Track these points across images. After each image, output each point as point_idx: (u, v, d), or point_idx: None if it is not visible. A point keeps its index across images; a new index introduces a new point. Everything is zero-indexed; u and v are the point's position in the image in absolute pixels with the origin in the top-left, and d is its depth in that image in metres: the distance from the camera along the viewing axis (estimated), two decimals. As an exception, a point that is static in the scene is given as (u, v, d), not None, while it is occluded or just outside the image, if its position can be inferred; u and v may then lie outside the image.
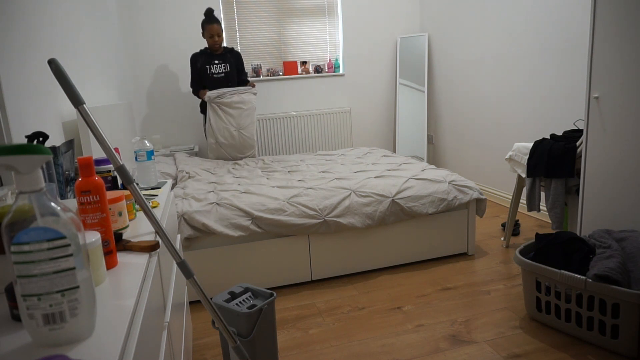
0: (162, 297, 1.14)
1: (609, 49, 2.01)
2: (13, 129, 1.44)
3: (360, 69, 4.72)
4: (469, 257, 2.79)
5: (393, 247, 2.64)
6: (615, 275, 1.70)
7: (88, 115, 0.90)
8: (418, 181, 2.67)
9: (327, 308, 2.28)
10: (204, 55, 3.70)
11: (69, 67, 2.18)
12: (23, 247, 0.62)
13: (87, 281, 0.68)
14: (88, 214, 0.94)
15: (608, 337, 1.77)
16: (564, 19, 2.98)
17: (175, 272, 1.51)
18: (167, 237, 0.99)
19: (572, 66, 2.96)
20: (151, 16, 4.12)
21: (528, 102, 3.38)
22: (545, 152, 2.51)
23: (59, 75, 0.87)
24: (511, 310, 2.16)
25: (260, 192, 2.53)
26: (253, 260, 2.42)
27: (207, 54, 3.70)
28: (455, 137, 4.39)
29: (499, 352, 1.85)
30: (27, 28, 1.69)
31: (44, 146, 0.68)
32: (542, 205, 3.24)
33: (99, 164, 1.43)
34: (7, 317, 0.75)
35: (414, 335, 2.00)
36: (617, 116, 2.03)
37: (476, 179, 4.13)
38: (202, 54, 3.71)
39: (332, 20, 4.59)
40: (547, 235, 2.06)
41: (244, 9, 4.35)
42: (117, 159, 0.95)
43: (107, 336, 0.67)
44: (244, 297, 1.73)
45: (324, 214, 2.42)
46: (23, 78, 1.58)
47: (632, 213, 2.01)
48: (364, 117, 4.83)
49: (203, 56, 3.70)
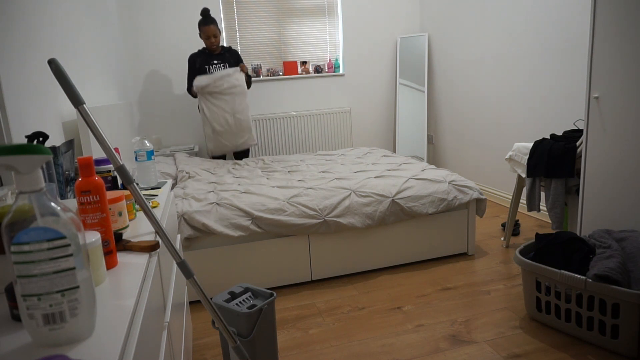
0: (162, 297, 1.14)
1: (609, 49, 2.01)
2: (13, 129, 1.44)
3: (360, 69, 4.72)
4: (469, 257, 2.79)
5: (393, 247, 2.64)
6: (615, 275, 1.70)
7: (88, 115, 0.90)
8: (418, 181, 2.67)
9: (327, 308, 2.28)
10: (203, 56, 3.66)
11: (69, 67, 2.18)
12: (23, 247, 0.62)
13: (87, 281, 0.68)
14: (88, 214, 0.94)
15: (608, 337, 1.77)
16: (564, 19, 2.98)
17: (175, 272, 1.51)
18: (167, 237, 0.99)
19: (572, 66, 2.96)
20: (151, 16, 4.12)
21: (528, 102, 3.38)
22: (545, 152, 2.51)
23: (59, 75, 0.87)
24: (511, 310, 2.16)
25: (260, 192, 2.53)
26: (253, 260, 2.42)
27: (205, 54, 3.67)
28: (455, 137, 4.39)
29: (499, 352, 1.85)
30: (27, 28, 1.69)
31: (44, 146, 0.68)
32: (542, 205, 3.24)
33: (99, 164, 1.43)
34: (7, 317, 0.75)
35: (414, 335, 2.00)
36: (617, 116, 2.03)
37: (476, 179, 4.13)
38: (201, 54, 3.67)
39: (332, 20, 4.59)
40: (547, 235, 2.06)
41: (244, 9, 4.35)
42: (117, 159, 0.95)
43: (107, 336, 0.67)
44: (244, 297, 1.73)
45: (324, 214, 2.42)
46: (23, 78, 1.58)
47: (632, 213, 2.01)
48: (364, 117, 4.83)
49: (202, 56, 3.66)
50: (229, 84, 3.53)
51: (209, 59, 3.66)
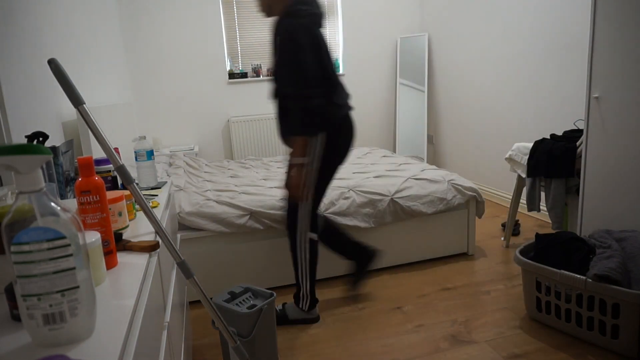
0: (162, 297, 1.14)
1: (609, 49, 2.01)
2: (13, 129, 1.44)
3: (360, 69, 4.72)
4: (469, 257, 2.79)
5: (393, 247, 2.64)
6: (615, 275, 1.70)
7: (88, 115, 0.90)
8: (417, 181, 2.67)
9: (327, 308, 2.28)
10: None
11: (69, 67, 2.17)
12: (23, 247, 0.61)
13: (87, 281, 0.68)
14: (88, 214, 0.94)
15: (608, 337, 1.77)
16: (564, 19, 2.98)
17: (175, 272, 1.51)
18: (167, 237, 0.99)
19: (572, 66, 2.96)
20: (151, 16, 4.12)
21: (528, 102, 3.37)
22: (545, 152, 2.50)
23: (59, 75, 0.87)
24: (511, 310, 2.16)
25: (259, 192, 2.53)
26: (253, 260, 2.41)
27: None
28: (455, 137, 4.39)
29: (499, 352, 1.85)
30: (27, 28, 1.69)
31: (44, 146, 0.67)
32: (542, 205, 3.24)
33: (99, 164, 1.43)
34: (7, 317, 0.75)
35: (414, 335, 2.00)
36: (617, 116, 2.03)
37: (476, 179, 4.13)
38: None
39: (332, 20, 4.59)
40: (547, 235, 2.06)
41: (244, 9, 4.35)
42: (117, 159, 0.95)
43: (107, 336, 0.67)
44: (244, 297, 1.73)
45: (322, 210, 2.41)
46: (23, 78, 1.58)
47: (632, 213, 2.01)
48: (364, 117, 4.83)
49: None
50: None
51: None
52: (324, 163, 1.94)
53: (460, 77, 4.18)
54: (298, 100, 1.79)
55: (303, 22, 1.79)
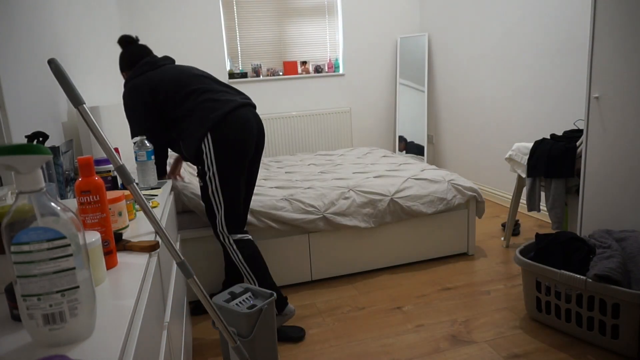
0: (162, 297, 1.14)
1: (609, 49, 2.01)
2: (13, 129, 1.44)
3: (360, 69, 4.72)
4: (469, 257, 2.79)
5: (393, 247, 2.64)
6: (615, 276, 1.70)
7: (88, 115, 0.90)
8: (417, 181, 2.67)
9: (327, 308, 2.28)
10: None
11: (69, 67, 2.17)
12: (23, 247, 0.62)
13: (87, 281, 0.68)
14: (88, 214, 0.94)
15: (608, 337, 1.77)
16: (564, 18, 2.98)
17: (175, 272, 1.51)
18: (167, 237, 0.99)
19: (572, 66, 2.96)
20: (151, 16, 4.12)
21: (528, 102, 3.38)
22: (545, 152, 2.50)
23: (59, 75, 0.87)
24: (511, 310, 2.16)
25: (259, 192, 2.53)
26: (253, 260, 2.41)
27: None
28: (455, 137, 4.39)
29: (499, 352, 1.85)
30: (27, 28, 1.69)
31: (44, 146, 0.68)
32: (542, 205, 3.24)
33: (99, 164, 1.43)
34: (7, 317, 0.75)
35: (414, 335, 2.00)
36: (617, 116, 2.03)
37: (476, 179, 4.13)
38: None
39: (332, 20, 4.59)
40: (547, 235, 2.06)
41: (244, 9, 4.35)
42: (117, 159, 0.95)
43: (107, 336, 0.67)
44: (244, 297, 1.73)
45: (322, 210, 2.41)
46: (23, 78, 1.58)
47: (632, 213, 2.01)
48: (364, 117, 4.83)
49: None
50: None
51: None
52: (222, 162, 1.88)
53: (460, 77, 4.18)
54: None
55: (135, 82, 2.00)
